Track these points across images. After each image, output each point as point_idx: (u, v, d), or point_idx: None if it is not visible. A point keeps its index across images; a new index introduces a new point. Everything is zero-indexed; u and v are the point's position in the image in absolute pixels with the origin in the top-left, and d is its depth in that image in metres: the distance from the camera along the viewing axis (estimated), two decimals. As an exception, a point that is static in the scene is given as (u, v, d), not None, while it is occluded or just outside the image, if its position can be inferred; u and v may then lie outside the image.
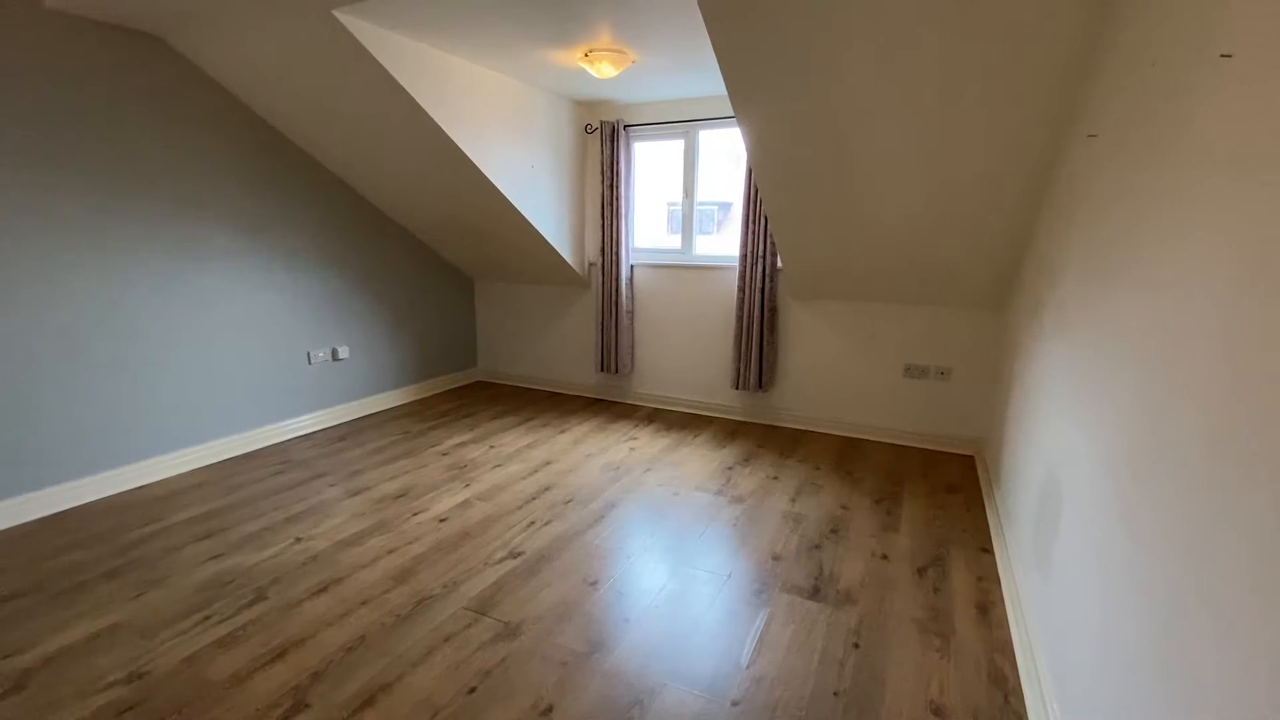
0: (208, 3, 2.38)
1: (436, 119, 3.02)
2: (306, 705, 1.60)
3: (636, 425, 3.94)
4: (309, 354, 3.69)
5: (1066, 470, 1.64)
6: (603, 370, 4.35)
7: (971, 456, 3.45)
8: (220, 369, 3.22)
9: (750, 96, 2.30)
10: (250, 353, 3.36)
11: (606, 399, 4.55)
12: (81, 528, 2.50)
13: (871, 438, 3.72)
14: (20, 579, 2.14)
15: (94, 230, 2.67)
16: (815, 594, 2.14)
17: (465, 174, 3.43)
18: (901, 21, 1.85)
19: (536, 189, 3.83)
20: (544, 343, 4.75)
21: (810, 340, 3.77)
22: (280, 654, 1.79)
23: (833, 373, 3.76)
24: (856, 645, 1.88)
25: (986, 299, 3.23)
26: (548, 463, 3.29)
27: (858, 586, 2.19)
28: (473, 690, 1.66)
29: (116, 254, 2.75)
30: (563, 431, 3.81)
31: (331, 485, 2.95)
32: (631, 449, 3.51)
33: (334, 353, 3.84)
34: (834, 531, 2.57)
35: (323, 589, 2.11)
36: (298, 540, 2.43)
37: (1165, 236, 1.16)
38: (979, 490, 3.01)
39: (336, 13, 2.42)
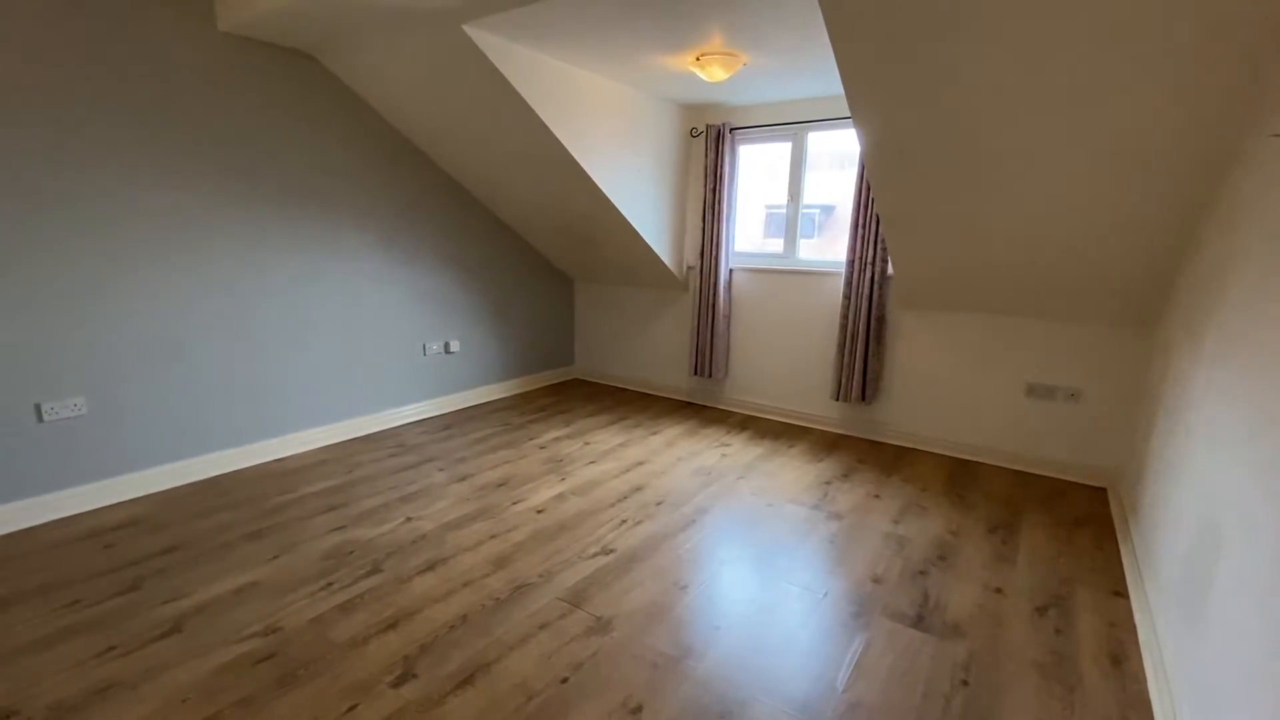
0: (355, 22, 2.61)
1: (549, 124, 3.13)
2: (414, 675, 1.71)
3: (729, 431, 3.90)
4: (424, 346, 3.95)
5: (1228, 513, 1.44)
6: (696, 374, 4.34)
7: (1103, 489, 3.12)
8: (347, 356, 3.52)
9: (871, 100, 2.21)
10: (373, 343, 3.65)
11: (698, 403, 4.53)
12: (231, 492, 2.81)
13: (986, 460, 3.46)
14: (180, 534, 2.44)
15: (245, 229, 3.00)
16: (919, 622, 2.01)
17: (573, 178, 3.53)
18: (1049, 23, 1.71)
19: (640, 193, 3.88)
20: (639, 344, 4.80)
21: (920, 352, 3.57)
22: (392, 624, 1.92)
23: (944, 388, 3.53)
24: (965, 683, 1.75)
25: (1128, 315, 2.91)
26: (640, 463, 3.32)
27: (967, 619, 2.04)
28: (565, 680, 1.71)
29: (265, 250, 3.07)
30: (655, 433, 3.83)
31: (440, 470, 3.13)
32: (724, 455, 3.47)
33: (446, 346, 4.09)
34: (941, 558, 2.42)
35: (430, 567, 2.24)
36: (409, 519, 2.60)
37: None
38: (1111, 526, 2.72)
39: (466, 27, 2.57)
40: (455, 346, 4.14)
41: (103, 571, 2.16)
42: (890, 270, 3.49)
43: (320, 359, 3.39)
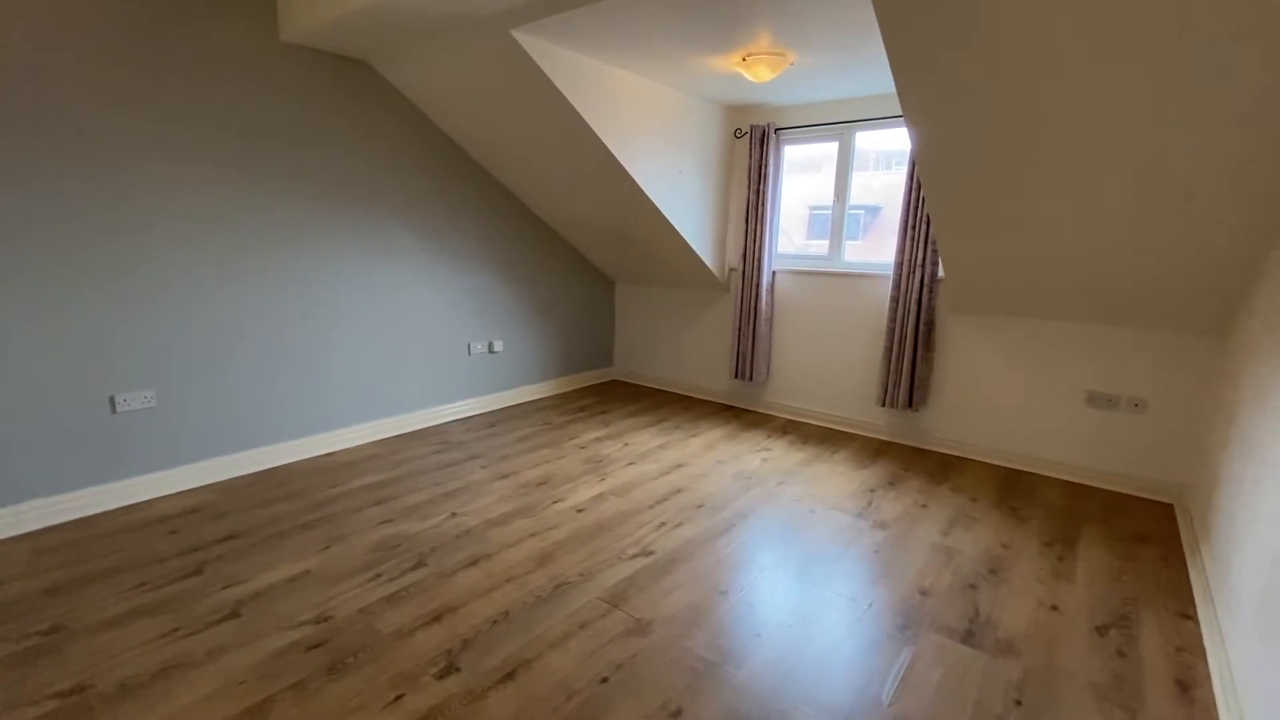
0: (407, 29, 2.68)
1: (593, 126, 3.16)
2: (457, 669, 1.74)
3: (770, 436, 3.85)
4: (469, 345, 4.02)
5: (1318, 535, 1.34)
6: (737, 377, 4.30)
7: (1169, 504, 2.96)
8: (395, 355, 3.62)
9: (925, 97, 2.14)
10: (420, 341, 3.74)
11: (739, 406, 4.49)
12: (285, 484, 2.92)
13: (1041, 472, 3.32)
14: (238, 522, 2.55)
15: (301, 231, 3.11)
16: (969, 638, 1.94)
17: (616, 180, 3.55)
18: (1131, 23, 1.63)
19: (682, 194, 3.87)
20: (679, 346, 4.79)
21: (971, 358, 3.45)
22: (437, 617, 1.96)
23: (997, 395, 3.40)
24: (1019, 703, 1.68)
25: (1200, 321, 2.75)
26: (679, 465, 3.31)
27: (1021, 637, 1.96)
28: (605, 680, 1.71)
29: (319, 251, 3.19)
30: (694, 435, 3.81)
31: (483, 467, 3.19)
32: (764, 459, 3.43)
33: (490, 346, 4.16)
34: (993, 572, 2.33)
35: (473, 562, 2.28)
36: (453, 515, 2.65)
37: None
38: (1179, 545, 2.57)
39: (515, 32, 2.61)
40: (499, 346, 4.21)
41: (168, 556, 2.28)
42: (941, 273, 3.39)
43: (369, 357, 3.49)
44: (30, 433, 2.40)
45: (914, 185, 3.32)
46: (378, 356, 3.53)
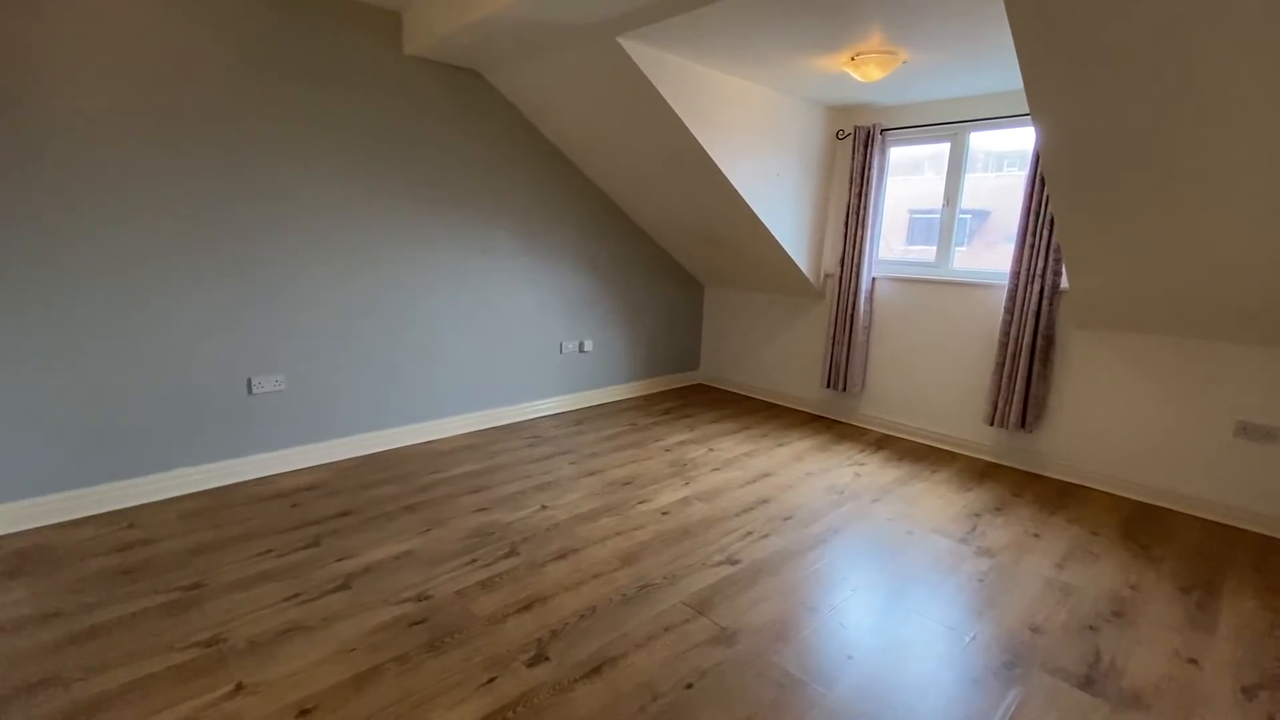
0: (517, 38, 2.79)
1: (693, 130, 3.16)
2: (546, 658, 1.78)
3: (863, 450, 3.69)
4: (561, 344, 4.14)
5: None
6: (829, 387, 4.16)
7: (1340, 556, 2.57)
8: (493, 350, 3.78)
9: (1059, 94, 1.98)
10: (516, 339, 3.88)
11: (830, 417, 4.33)
12: (391, 467, 3.12)
13: (1178, 508, 2.98)
14: (349, 501, 2.75)
15: (411, 232, 3.31)
16: (1088, 684, 1.77)
17: (714, 184, 3.53)
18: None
19: (779, 198, 3.80)
20: (768, 353, 4.69)
21: (1097, 377, 3.15)
22: (527, 606, 2.02)
23: (1126, 419, 3.09)
24: (1149, 763, 1.51)
25: (1391, 347, 2.37)
26: (766, 474, 3.24)
27: (1151, 690, 1.76)
28: (690, 686, 1.70)
29: (429, 249, 3.38)
30: (782, 445, 3.72)
31: (571, 463, 3.26)
32: (857, 474, 3.29)
33: (581, 345, 4.25)
34: (1117, 614, 2.11)
35: (562, 556, 2.34)
36: (543, 508, 2.73)
37: None
38: (1353, 604, 2.23)
39: (620, 39, 2.66)
40: (589, 346, 4.30)
41: (290, 527, 2.49)
42: (1064, 284, 3.12)
43: (470, 351, 3.66)
44: (183, 407, 2.70)
45: (1034, 188, 3.08)
46: (478, 351, 3.70)
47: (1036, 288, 3.14)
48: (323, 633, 1.86)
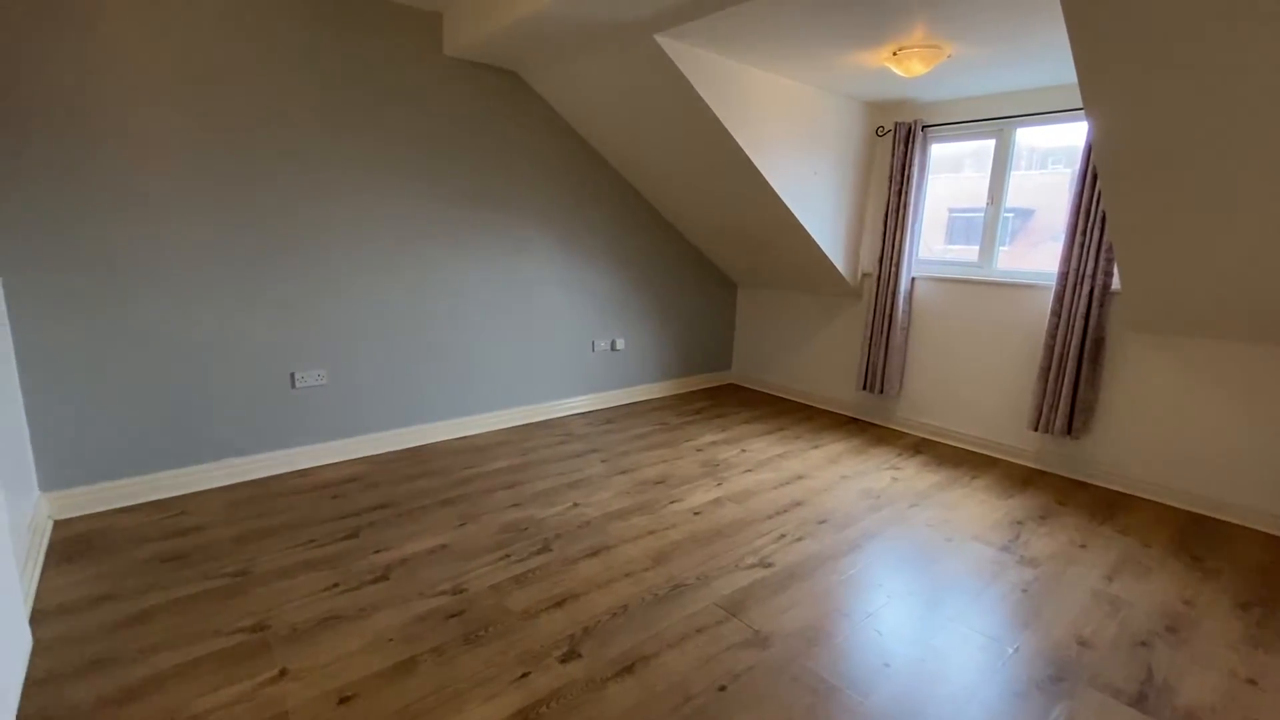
0: (556, 37, 2.81)
1: (729, 128, 3.13)
2: (579, 655, 1.79)
3: (900, 454, 3.61)
4: (593, 343, 4.15)
5: None
6: (865, 389, 4.08)
7: None
8: (526, 347, 3.81)
9: (1116, 88, 1.90)
10: (549, 337, 3.91)
11: (865, 419, 4.26)
12: (427, 462, 3.18)
13: (1236, 520, 2.84)
14: (388, 493, 2.80)
15: (449, 232, 3.36)
16: (1140, 702, 1.70)
17: (748, 180, 3.50)
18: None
19: (816, 196, 3.74)
20: (802, 353, 4.63)
21: (1150, 382, 3.03)
22: (560, 602, 2.04)
23: (1181, 427, 2.96)
24: (1206, 787, 1.44)
25: None
26: (799, 476, 3.20)
27: (1207, 710, 1.68)
28: (723, 688, 1.69)
29: (466, 249, 3.43)
30: (816, 447, 3.67)
31: (603, 461, 3.28)
32: (894, 479, 3.22)
33: (613, 343, 4.26)
34: (1171, 630, 2.02)
35: (594, 553, 2.35)
36: (575, 505, 2.75)
37: None
38: None
39: (658, 36, 2.65)
40: (620, 345, 4.31)
41: (331, 518, 2.55)
42: (1116, 285, 3.00)
43: (504, 349, 3.71)
44: (233, 400, 2.80)
45: (1085, 186, 2.97)
46: (511, 349, 3.74)
47: (1086, 289, 3.03)
48: (361, 622, 1.91)
